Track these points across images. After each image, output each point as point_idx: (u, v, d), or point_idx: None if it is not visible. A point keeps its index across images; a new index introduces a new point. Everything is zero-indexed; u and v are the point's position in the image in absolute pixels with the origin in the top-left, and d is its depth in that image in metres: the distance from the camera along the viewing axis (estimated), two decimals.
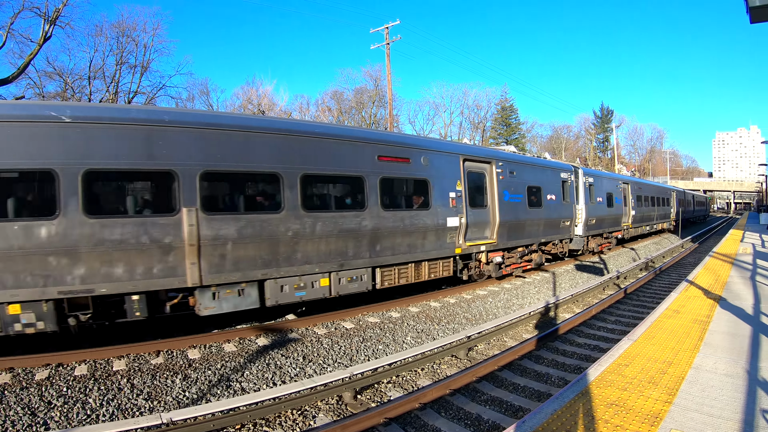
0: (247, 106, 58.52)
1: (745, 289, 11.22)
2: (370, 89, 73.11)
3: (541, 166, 19.10)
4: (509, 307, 13.83)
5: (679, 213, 45.02)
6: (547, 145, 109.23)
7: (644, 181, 37.79)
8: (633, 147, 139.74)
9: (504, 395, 7.87)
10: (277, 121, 11.13)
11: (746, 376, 5.68)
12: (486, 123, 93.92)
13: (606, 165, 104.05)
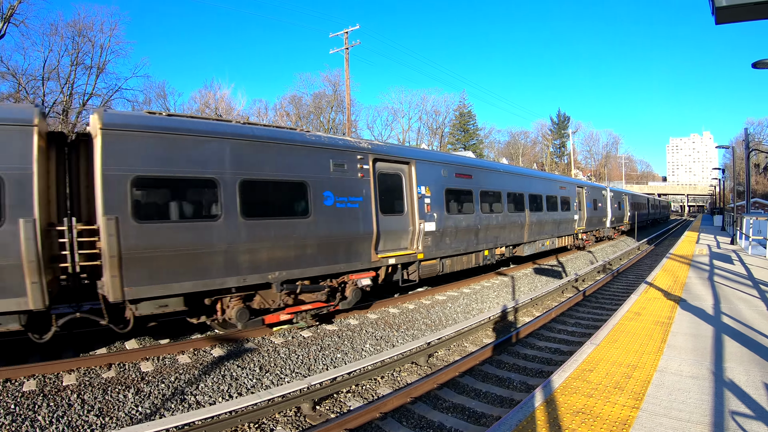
0: (204, 111, 57.88)
1: (704, 290, 11.50)
2: (329, 94, 73.62)
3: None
4: (469, 312, 13.87)
5: (634, 216, 46.56)
6: (504, 150, 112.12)
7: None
8: (589, 152, 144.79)
9: (466, 402, 7.87)
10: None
11: (712, 377, 5.72)
12: (444, 129, 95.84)
13: (563, 170, 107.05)
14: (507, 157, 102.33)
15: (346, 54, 35.25)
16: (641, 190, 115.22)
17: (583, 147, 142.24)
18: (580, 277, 19.61)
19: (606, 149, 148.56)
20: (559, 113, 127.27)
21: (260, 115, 69.72)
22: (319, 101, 73.98)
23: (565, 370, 6.10)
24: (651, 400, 5.13)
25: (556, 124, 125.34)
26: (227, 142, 9.45)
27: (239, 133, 9.73)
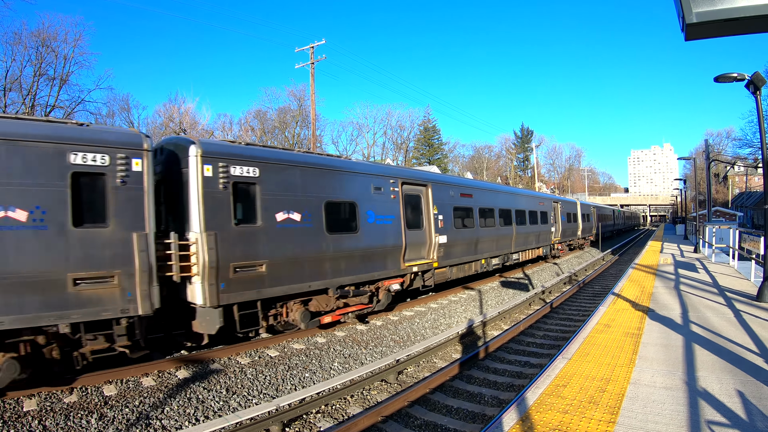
0: (168, 125, 57.13)
1: (672, 299, 11.75)
2: (294, 109, 74.02)
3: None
4: (437, 327, 13.90)
5: (598, 227, 47.71)
6: (468, 164, 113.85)
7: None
8: (552, 165, 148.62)
9: (438, 419, 7.89)
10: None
11: (685, 387, 5.80)
12: (409, 143, 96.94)
13: (526, 183, 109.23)
14: (471, 171, 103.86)
15: (311, 69, 35.44)
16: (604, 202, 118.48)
17: (546, 160, 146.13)
18: (547, 289, 19.96)
19: (569, 162, 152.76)
20: (523, 127, 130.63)
21: (225, 130, 69.63)
22: (284, 116, 74.37)
23: (539, 386, 6.11)
24: (626, 413, 5.16)
25: (520, 138, 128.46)
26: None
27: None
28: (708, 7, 3.60)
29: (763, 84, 10.73)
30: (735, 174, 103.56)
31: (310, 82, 36.33)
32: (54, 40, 43.66)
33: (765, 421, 4.78)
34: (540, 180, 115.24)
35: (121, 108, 59.45)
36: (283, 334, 12.25)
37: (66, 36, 44.64)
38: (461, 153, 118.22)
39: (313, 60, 35.28)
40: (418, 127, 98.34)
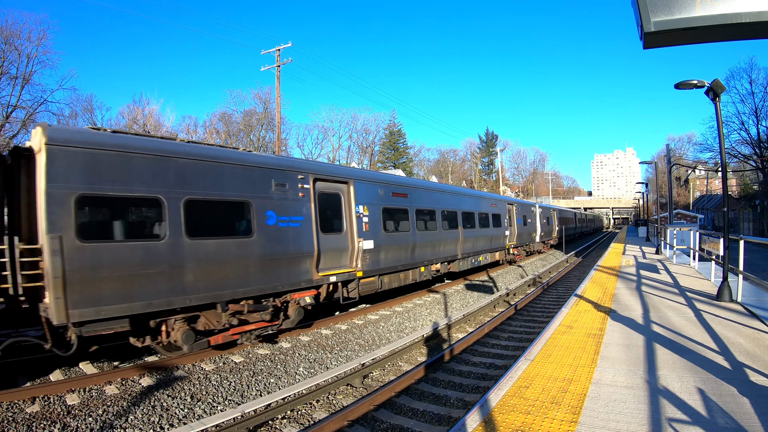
0: (132, 126, 56.17)
1: (633, 300, 11.95)
2: (260, 112, 74.46)
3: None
4: (402, 331, 13.94)
5: (562, 230, 48.48)
6: (434, 168, 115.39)
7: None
8: (517, 169, 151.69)
9: (404, 422, 7.95)
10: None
11: (647, 386, 5.88)
12: (374, 147, 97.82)
13: (491, 187, 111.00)
14: (436, 175, 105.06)
15: (277, 71, 35.39)
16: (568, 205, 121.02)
17: (511, 164, 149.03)
18: (512, 292, 20.19)
19: (533, 166, 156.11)
20: (488, 132, 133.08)
21: (189, 132, 69.35)
22: (249, 119, 74.52)
23: (502, 388, 6.11)
24: (588, 413, 5.20)
25: (485, 143, 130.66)
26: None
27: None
28: (666, 17, 3.66)
29: (722, 91, 11.02)
30: (696, 177, 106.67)
31: (275, 85, 36.31)
32: (17, 37, 43.19)
33: (725, 418, 4.87)
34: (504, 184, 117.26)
35: (85, 109, 59.21)
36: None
37: (30, 34, 44.31)
38: (426, 157, 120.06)
39: (279, 63, 35.28)
40: (383, 131, 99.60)
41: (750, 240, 11.35)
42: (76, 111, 57.22)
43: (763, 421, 4.74)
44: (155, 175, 9.25)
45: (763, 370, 6.24)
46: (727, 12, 3.62)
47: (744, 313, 9.93)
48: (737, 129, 66.42)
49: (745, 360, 6.74)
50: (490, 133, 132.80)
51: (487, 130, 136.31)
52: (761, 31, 3.80)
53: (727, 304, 10.83)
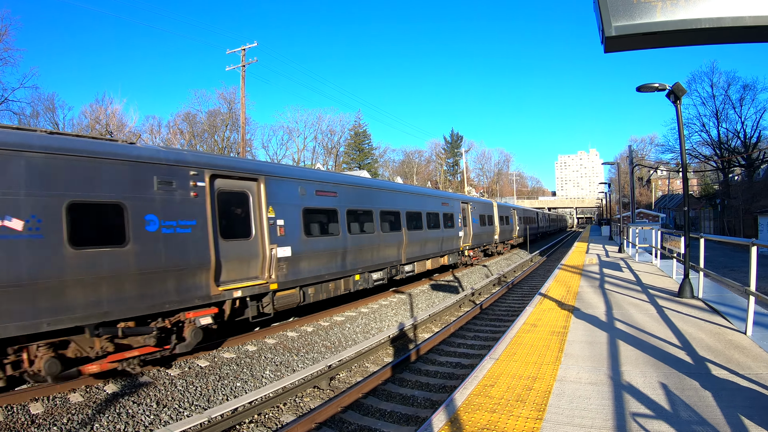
0: (94, 126, 54.78)
1: (597, 298, 12.12)
2: (224, 112, 74.35)
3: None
4: (368, 332, 13.93)
5: (526, 230, 49.09)
6: (399, 169, 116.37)
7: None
8: (481, 170, 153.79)
9: (372, 423, 7.99)
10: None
11: (610, 382, 5.94)
12: (339, 148, 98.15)
13: (456, 188, 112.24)
14: (401, 176, 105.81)
15: (242, 71, 35.17)
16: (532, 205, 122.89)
17: (475, 165, 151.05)
18: (477, 291, 20.33)
19: (498, 167, 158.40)
20: (453, 133, 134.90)
21: (153, 132, 68.67)
22: (213, 119, 74.18)
23: (467, 387, 6.10)
24: (553, 410, 5.22)
25: (450, 143, 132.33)
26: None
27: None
28: (627, 21, 3.71)
29: (683, 94, 11.29)
30: (658, 178, 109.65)
31: (240, 85, 36.18)
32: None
33: (688, 411, 4.94)
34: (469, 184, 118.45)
35: (46, 108, 57.95)
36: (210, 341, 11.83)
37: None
38: (392, 158, 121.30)
39: (244, 62, 35.08)
40: (348, 131, 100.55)
41: (710, 238, 11.62)
42: (38, 110, 56.23)
43: (725, 414, 4.83)
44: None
45: (725, 364, 6.37)
46: (686, 18, 3.69)
47: (705, 309, 10.15)
48: (698, 131, 68.78)
49: (706, 355, 6.88)
50: (455, 134, 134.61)
51: (452, 131, 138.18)
52: (720, 36, 3.89)
53: (689, 301, 11.07)
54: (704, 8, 3.65)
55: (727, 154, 67.97)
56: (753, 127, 65.16)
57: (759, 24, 3.66)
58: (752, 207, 55.66)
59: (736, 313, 9.34)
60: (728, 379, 5.84)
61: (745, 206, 57.51)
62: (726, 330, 8.28)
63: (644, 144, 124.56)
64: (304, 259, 13.78)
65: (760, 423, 4.57)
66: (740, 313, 9.04)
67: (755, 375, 5.89)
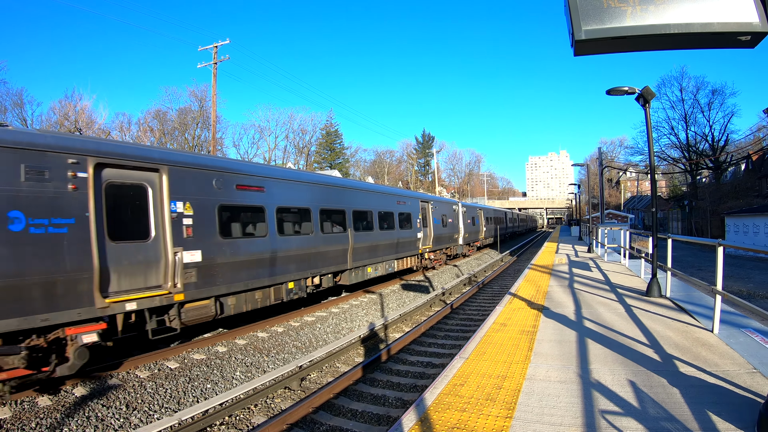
0: (63, 123, 53.62)
1: (566, 297, 12.25)
2: (195, 110, 73.81)
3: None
4: (339, 332, 13.89)
5: (496, 230, 49.50)
6: (370, 169, 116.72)
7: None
8: (453, 171, 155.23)
9: (343, 423, 8.03)
10: None
11: (579, 380, 5.99)
12: (311, 147, 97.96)
13: (427, 188, 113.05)
14: (373, 176, 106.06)
15: (214, 69, 34.92)
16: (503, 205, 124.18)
17: (447, 165, 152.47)
18: (448, 291, 20.44)
19: (469, 167, 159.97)
20: (424, 133, 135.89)
21: (123, 130, 67.61)
22: (184, 117, 73.66)
23: (437, 387, 6.10)
24: (523, 408, 5.25)
25: (421, 144, 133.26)
26: None
27: None
28: (597, 25, 3.74)
29: (651, 98, 11.49)
30: (627, 179, 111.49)
31: (212, 83, 35.85)
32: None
33: (656, 408, 5.01)
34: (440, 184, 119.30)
35: (15, 104, 56.54)
36: (182, 344, 11.64)
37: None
38: (363, 158, 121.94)
39: (216, 60, 34.83)
40: (320, 131, 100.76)
41: (678, 238, 11.84)
42: (6, 105, 55.05)
43: (692, 410, 4.90)
44: None
45: (692, 362, 6.48)
46: (656, 23, 3.73)
47: (673, 307, 10.34)
48: (667, 134, 70.49)
49: (674, 352, 6.99)
50: (426, 134, 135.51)
51: (424, 132, 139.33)
52: (689, 42, 3.94)
53: (657, 300, 11.26)
54: (674, 14, 3.70)
55: (696, 156, 69.65)
56: (721, 131, 67.02)
57: (727, 30, 3.72)
58: (719, 208, 56.97)
59: (703, 312, 9.52)
60: (696, 376, 5.93)
61: (712, 207, 58.84)
62: (693, 328, 8.43)
63: (614, 146, 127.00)
64: (219, 265, 11.98)
65: (727, 419, 4.66)
66: (707, 311, 9.22)
67: (722, 372, 6.00)
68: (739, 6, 3.71)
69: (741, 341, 7.39)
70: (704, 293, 11.40)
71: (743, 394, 5.25)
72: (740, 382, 5.63)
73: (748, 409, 4.84)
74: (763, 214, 43.12)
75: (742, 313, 9.04)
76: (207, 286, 11.59)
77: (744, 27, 3.71)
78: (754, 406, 4.87)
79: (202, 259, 11.41)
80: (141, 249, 10.24)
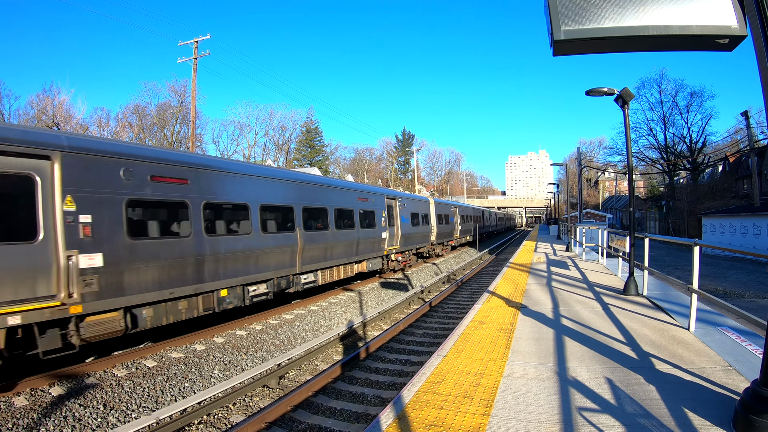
0: (41, 117, 52.62)
1: (544, 295, 12.35)
2: (174, 105, 73.28)
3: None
4: (318, 330, 13.86)
5: (475, 229, 49.74)
6: (350, 166, 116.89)
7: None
8: (432, 169, 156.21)
9: (322, 421, 8.03)
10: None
11: (557, 377, 6.05)
12: (291, 144, 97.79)
13: (407, 186, 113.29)
14: (352, 174, 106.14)
15: (194, 64, 34.69)
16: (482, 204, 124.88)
17: (426, 164, 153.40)
18: (426, 289, 20.48)
19: (449, 166, 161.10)
20: (404, 131, 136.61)
21: (101, 125, 66.73)
22: (163, 113, 72.93)
23: (415, 384, 6.12)
24: (500, 405, 5.29)
25: (401, 142, 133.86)
26: None
27: None
28: (576, 26, 3.78)
29: (630, 99, 11.61)
30: (606, 179, 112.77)
31: (192, 78, 35.62)
32: None
33: (633, 405, 5.07)
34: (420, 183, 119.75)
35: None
36: (158, 342, 11.48)
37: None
38: (343, 155, 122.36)
39: (196, 55, 34.66)
40: (300, 128, 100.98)
41: (655, 238, 11.99)
42: None
43: (669, 407, 4.97)
44: None
45: (668, 359, 6.57)
46: (635, 24, 3.78)
47: (649, 306, 10.47)
48: (646, 135, 71.66)
49: (650, 350, 7.09)
50: (406, 132, 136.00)
51: (404, 130, 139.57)
52: (667, 44, 4.00)
53: (634, 298, 11.40)
54: (653, 16, 3.75)
55: (674, 157, 70.83)
56: (699, 133, 68.28)
57: (705, 33, 3.77)
58: (697, 209, 57.95)
59: (679, 310, 9.65)
60: (672, 373, 6.02)
61: (689, 208, 59.83)
62: (670, 326, 8.55)
63: (593, 146, 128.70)
64: (129, 271, 10.27)
65: (702, 415, 4.73)
66: (683, 309, 9.35)
67: (698, 369, 6.10)
68: (717, 9, 3.77)
69: (717, 339, 7.51)
70: (681, 292, 11.57)
71: (719, 391, 5.34)
72: (716, 379, 5.72)
73: (723, 405, 4.92)
74: (739, 214, 43.92)
75: (718, 312, 9.19)
76: (113, 296, 9.87)
77: (722, 30, 3.77)
78: (729, 402, 4.96)
79: (105, 263, 9.69)
80: (26, 252, 8.60)
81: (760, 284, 23.32)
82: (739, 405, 4.30)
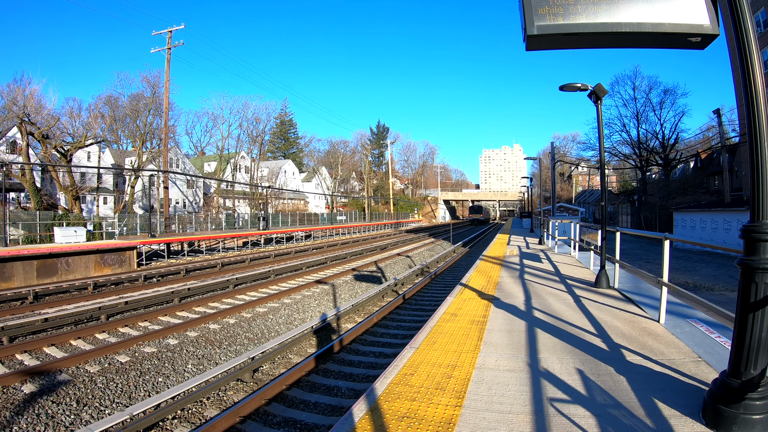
0: (11, 108, 51.16)
1: (516, 288, 12.47)
2: (147, 96, 71.31)
3: None
4: (291, 323, 13.91)
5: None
6: (324, 159, 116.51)
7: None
8: (407, 162, 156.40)
9: (296, 415, 8.09)
10: None
11: (528, 369, 6.13)
12: (264, 136, 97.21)
13: (381, 178, 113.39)
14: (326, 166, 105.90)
15: (167, 54, 34.45)
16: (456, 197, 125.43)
17: (401, 156, 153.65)
18: (400, 281, 20.54)
19: (423, 159, 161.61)
20: (379, 124, 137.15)
21: (73, 116, 64.47)
22: (136, 103, 71.25)
23: (387, 377, 6.15)
24: (472, 396, 5.34)
25: (376, 135, 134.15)
26: None
27: None
28: (550, 21, 3.82)
29: (603, 95, 11.75)
30: (579, 174, 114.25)
31: (165, 68, 35.23)
32: None
33: (603, 395, 5.16)
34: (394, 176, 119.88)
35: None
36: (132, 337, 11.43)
37: None
38: (317, 148, 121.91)
39: (170, 45, 34.42)
40: (274, 120, 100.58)
41: (626, 232, 12.18)
42: None
43: (639, 397, 5.06)
44: None
45: (639, 351, 6.69)
46: (608, 21, 3.83)
47: (620, 298, 10.64)
48: (619, 130, 72.80)
49: (621, 341, 7.21)
50: (381, 125, 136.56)
51: (379, 123, 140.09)
52: (640, 41, 4.06)
53: (605, 291, 11.57)
54: (626, 13, 3.81)
55: (646, 153, 72.04)
56: (671, 129, 69.58)
57: (678, 31, 3.84)
58: (668, 204, 58.99)
59: (650, 302, 9.81)
60: (642, 364, 6.13)
61: (661, 203, 60.87)
62: (640, 318, 8.70)
63: (566, 141, 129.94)
64: None
65: (672, 405, 4.83)
66: (654, 302, 9.51)
67: (668, 360, 6.22)
68: (690, 8, 3.84)
69: (686, 331, 7.66)
70: (651, 285, 11.75)
71: (689, 382, 5.45)
72: (686, 370, 5.83)
73: (693, 396, 5.03)
74: (710, 210, 44.86)
75: (688, 304, 9.33)
76: None
77: (695, 29, 3.84)
78: (699, 393, 5.06)
79: None
80: None
81: (729, 278, 23.86)
82: (708, 395, 4.39)
